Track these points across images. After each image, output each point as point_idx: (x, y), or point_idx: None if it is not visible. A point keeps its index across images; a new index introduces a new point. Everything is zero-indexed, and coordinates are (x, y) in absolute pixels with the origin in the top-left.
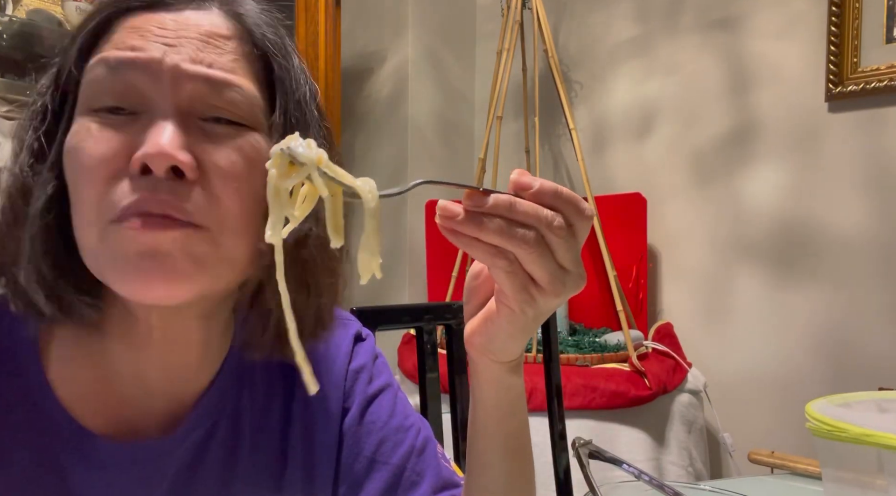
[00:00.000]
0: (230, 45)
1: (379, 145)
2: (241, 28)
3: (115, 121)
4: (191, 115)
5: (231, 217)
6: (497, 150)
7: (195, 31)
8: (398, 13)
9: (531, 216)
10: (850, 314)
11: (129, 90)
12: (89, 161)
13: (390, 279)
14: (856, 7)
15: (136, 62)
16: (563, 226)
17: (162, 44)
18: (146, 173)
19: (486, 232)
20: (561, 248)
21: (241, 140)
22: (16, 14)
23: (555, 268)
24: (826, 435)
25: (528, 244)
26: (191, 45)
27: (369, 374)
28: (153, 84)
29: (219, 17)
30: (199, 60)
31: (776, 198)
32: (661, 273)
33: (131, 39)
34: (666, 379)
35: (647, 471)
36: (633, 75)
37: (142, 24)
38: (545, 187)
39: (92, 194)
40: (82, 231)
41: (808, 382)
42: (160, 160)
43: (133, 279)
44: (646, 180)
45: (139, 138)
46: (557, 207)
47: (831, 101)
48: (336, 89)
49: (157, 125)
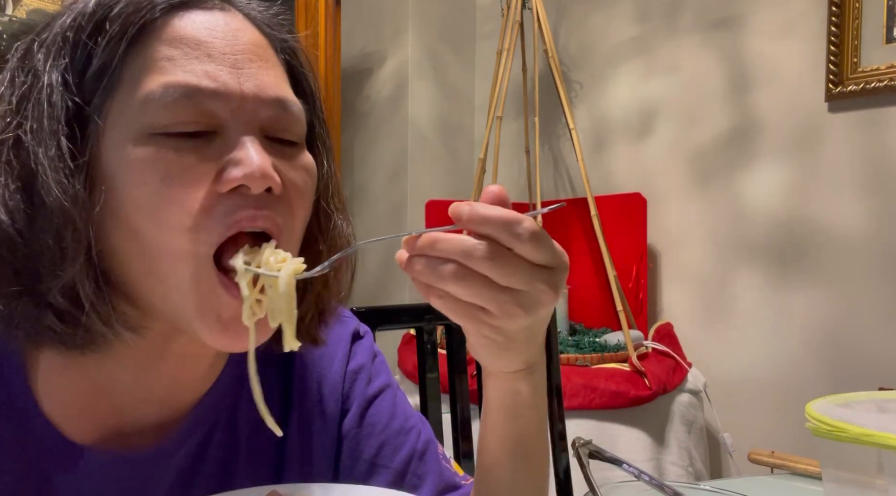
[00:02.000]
0: (268, 53)
1: (379, 145)
2: (265, 35)
3: (191, 145)
4: (262, 134)
5: (297, 229)
6: (497, 150)
7: (241, 41)
8: (398, 13)
9: (450, 251)
10: (850, 314)
11: (206, 114)
12: (175, 189)
13: (390, 279)
14: (856, 7)
15: (218, 92)
16: (486, 254)
17: (230, 65)
18: (233, 192)
19: (414, 272)
20: (497, 273)
21: (303, 159)
22: (16, 14)
23: (496, 293)
24: (826, 435)
25: (446, 279)
26: (251, 65)
27: (368, 375)
28: (231, 110)
29: (243, 20)
30: (267, 83)
31: (776, 198)
32: (661, 273)
33: (196, 59)
34: (666, 379)
35: (647, 471)
36: (633, 75)
37: (190, 31)
38: (471, 216)
39: (183, 220)
40: (166, 262)
41: (808, 382)
42: (262, 180)
43: (222, 335)
44: (646, 180)
45: (222, 159)
46: (486, 234)
47: (831, 101)
48: (336, 89)
49: (247, 146)
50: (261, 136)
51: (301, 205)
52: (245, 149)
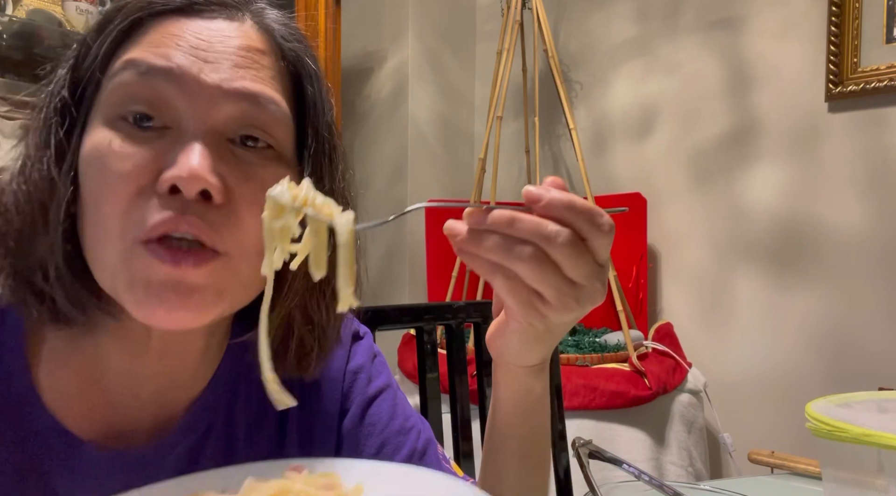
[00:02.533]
0: (266, 60)
1: (379, 145)
2: (274, 43)
3: (141, 135)
4: (222, 136)
5: (251, 243)
6: (497, 150)
7: (231, 45)
8: (398, 13)
9: (530, 232)
10: (850, 314)
11: (160, 100)
12: (114, 176)
13: (390, 279)
14: (856, 7)
15: (172, 72)
16: (568, 241)
17: (198, 58)
18: (173, 193)
19: (484, 249)
20: (568, 263)
21: (269, 170)
22: (16, 14)
23: (561, 283)
24: (826, 435)
25: (525, 261)
26: (228, 62)
27: (368, 375)
28: (187, 100)
29: (252, 29)
30: (239, 76)
31: (776, 198)
32: (661, 273)
33: (165, 46)
34: (666, 379)
35: (647, 471)
36: (633, 75)
37: (176, 30)
38: (555, 201)
39: (115, 210)
40: (100, 246)
41: (808, 382)
42: (192, 183)
43: (155, 306)
44: (646, 180)
45: (167, 156)
46: (567, 220)
47: (831, 101)
48: (336, 89)
49: (189, 146)
50: (217, 136)
51: (251, 217)
52: (188, 148)
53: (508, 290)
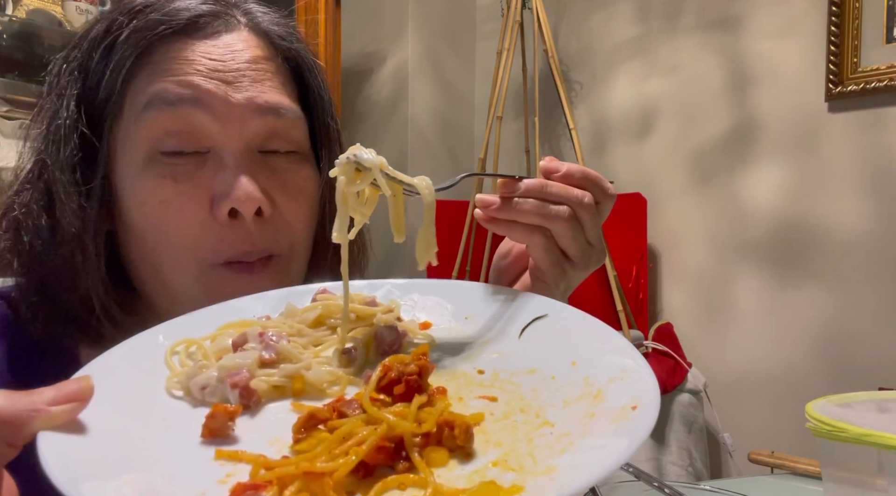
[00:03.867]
0: (271, 66)
1: (379, 145)
2: (272, 45)
3: (183, 167)
4: (253, 149)
5: (298, 243)
6: (497, 149)
7: (242, 59)
8: (398, 13)
9: (562, 195)
10: (850, 314)
11: (194, 128)
12: (174, 212)
13: (390, 278)
14: (856, 7)
15: (200, 100)
16: (592, 202)
17: (219, 80)
18: (232, 216)
19: (523, 213)
20: (589, 223)
21: (301, 172)
22: (16, 14)
23: (584, 242)
24: (826, 435)
25: (563, 219)
26: (245, 78)
27: None
28: (220, 123)
29: (251, 35)
30: (259, 91)
31: (776, 198)
32: (661, 273)
33: (185, 74)
34: (666, 379)
35: (647, 471)
36: (633, 75)
37: (188, 54)
38: (572, 169)
39: (181, 241)
40: (170, 272)
41: (808, 382)
42: (249, 205)
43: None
44: (646, 180)
45: (215, 182)
46: (585, 187)
47: (831, 101)
48: (336, 89)
49: (233, 169)
50: (252, 152)
51: (299, 219)
52: (232, 172)
53: (546, 249)
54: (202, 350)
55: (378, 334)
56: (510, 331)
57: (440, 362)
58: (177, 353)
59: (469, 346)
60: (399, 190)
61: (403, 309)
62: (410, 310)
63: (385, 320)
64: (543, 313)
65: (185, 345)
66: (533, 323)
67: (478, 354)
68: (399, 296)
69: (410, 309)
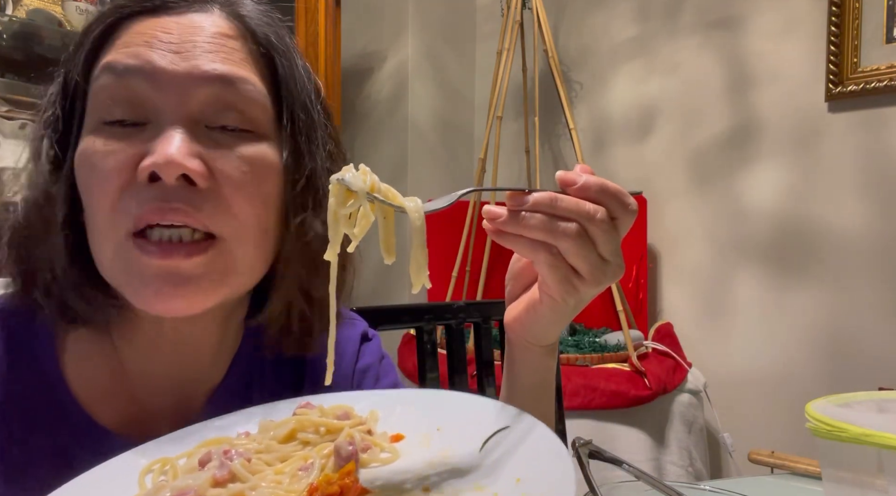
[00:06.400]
0: (236, 44)
1: (379, 145)
2: (244, 28)
3: (121, 132)
4: (199, 123)
5: (244, 225)
6: (497, 150)
7: (201, 34)
8: (398, 13)
9: (572, 210)
10: (850, 314)
11: (137, 98)
12: (100, 174)
13: (390, 279)
14: (856, 7)
15: (143, 70)
16: (605, 218)
17: (168, 51)
18: (155, 181)
19: (528, 227)
20: (602, 239)
21: (250, 148)
22: (16, 14)
23: (596, 259)
24: (826, 435)
25: (570, 236)
26: (198, 49)
27: (376, 373)
28: (160, 93)
29: (220, 17)
30: (208, 60)
31: (776, 198)
32: (661, 273)
33: (136, 46)
34: (666, 379)
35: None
36: (633, 75)
37: (146, 29)
38: (590, 182)
39: (104, 206)
40: (98, 244)
41: (808, 382)
42: (169, 168)
43: (151, 297)
44: (646, 180)
45: (147, 148)
46: (601, 201)
47: (831, 101)
48: (336, 89)
49: (165, 133)
50: (193, 124)
51: (242, 199)
52: (163, 136)
53: (551, 266)
54: (173, 469)
55: (336, 449)
56: (475, 444)
57: (391, 479)
58: (152, 471)
59: (428, 462)
60: (391, 211)
61: (382, 420)
62: (388, 420)
63: (349, 434)
64: (505, 425)
65: (161, 465)
66: (495, 435)
67: (434, 469)
68: (381, 408)
69: (387, 419)
